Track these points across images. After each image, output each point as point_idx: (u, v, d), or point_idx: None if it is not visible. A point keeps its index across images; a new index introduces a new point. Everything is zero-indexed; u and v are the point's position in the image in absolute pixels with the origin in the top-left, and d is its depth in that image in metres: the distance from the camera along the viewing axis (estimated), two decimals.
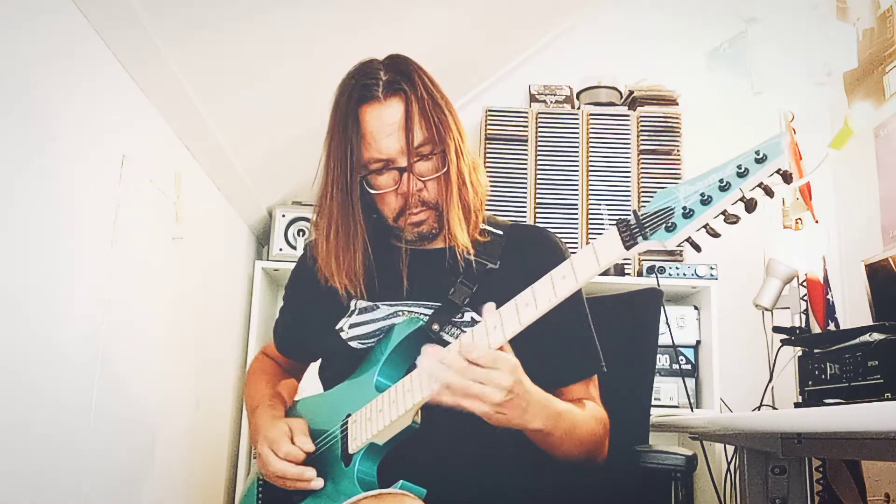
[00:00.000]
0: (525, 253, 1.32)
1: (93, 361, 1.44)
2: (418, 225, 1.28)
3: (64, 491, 1.35)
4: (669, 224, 0.94)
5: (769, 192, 0.92)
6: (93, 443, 1.43)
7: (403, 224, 1.28)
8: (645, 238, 0.97)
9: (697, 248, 0.97)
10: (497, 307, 1.08)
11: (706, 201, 0.93)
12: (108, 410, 1.49)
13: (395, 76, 1.27)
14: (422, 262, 1.31)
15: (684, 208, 0.94)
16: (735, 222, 0.93)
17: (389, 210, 1.28)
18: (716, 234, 0.95)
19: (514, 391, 1.04)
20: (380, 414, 1.15)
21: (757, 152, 0.91)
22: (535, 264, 1.19)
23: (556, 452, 1.20)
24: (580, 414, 1.21)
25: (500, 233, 1.34)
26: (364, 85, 1.26)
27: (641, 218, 0.97)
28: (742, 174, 0.91)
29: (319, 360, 1.43)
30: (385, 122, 1.24)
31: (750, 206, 0.92)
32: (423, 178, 1.25)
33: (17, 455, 1.19)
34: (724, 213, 0.93)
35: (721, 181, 0.92)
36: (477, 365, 1.03)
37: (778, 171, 0.91)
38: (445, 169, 1.26)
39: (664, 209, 0.95)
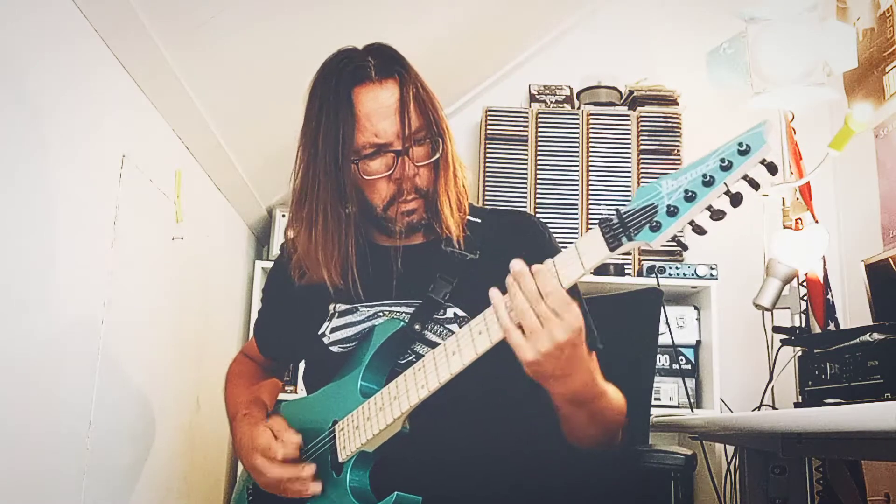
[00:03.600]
0: (507, 241, 1.27)
1: (93, 361, 1.44)
2: (409, 214, 1.23)
3: (64, 491, 1.35)
4: (654, 223, 0.91)
5: (754, 185, 0.88)
6: (93, 442, 1.43)
7: (394, 214, 1.22)
8: (630, 238, 0.93)
9: (684, 246, 0.94)
10: (478, 300, 1.04)
11: (690, 198, 0.89)
12: (108, 410, 1.49)
13: (386, 60, 1.22)
14: (400, 260, 1.27)
15: (668, 206, 0.90)
16: (721, 218, 0.89)
17: (380, 198, 1.22)
18: (702, 231, 0.91)
19: (563, 351, 0.99)
20: (368, 422, 1.12)
21: (740, 144, 0.88)
22: (517, 252, 1.17)
23: (576, 432, 1.17)
24: (615, 396, 1.17)
25: (479, 220, 1.30)
26: (356, 66, 1.20)
27: (625, 216, 0.93)
28: (726, 167, 0.88)
29: (304, 365, 1.40)
30: (382, 105, 1.18)
31: (735, 200, 0.89)
32: (417, 164, 1.20)
33: (17, 455, 1.19)
34: (709, 208, 0.90)
35: (704, 176, 0.89)
36: (545, 303, 0.97)
37: (762, 162, 0.87)
38: (439, 154, 1.21)
39: (647, 207, 0.92)
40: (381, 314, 1.24)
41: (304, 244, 1.25)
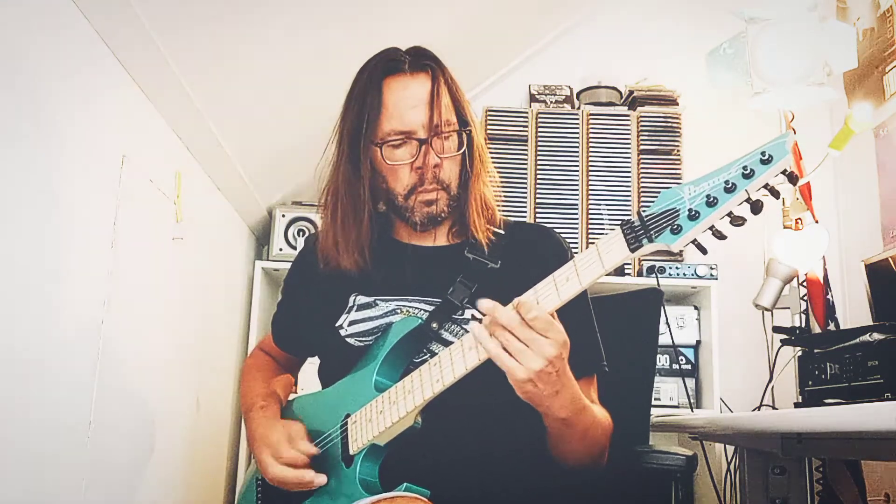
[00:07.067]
0: (527, 253, 1.31)
1: (93, 361, 1.44)
2: (429, 204, 1.25)
3: (64, 491, 1.35)
4: (675, 226, 0.93)
5: (775, 194, 0.91)
6: (93, 443, 1.43)
7: (414, 203, 1.25)
8: (650, 240, 0.95)
9: (703, 250, 0.95)
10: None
11: (712, 203, 0.91)
12: (108, 410, 1.49)
13: (421, 58, 1.27)
14: (422, 260, 1.30)
15: (690, 210, 0.92)
16: (741, 224, 0.92)
17: (401, 186, 1.25)
18: (722, 237, 0.94)
19: (555, 366, 1.01)
20: (380, 415, 1.14)
21: (762, 153, 0.90)
22: (536, 264, 1.18)
23: (566, 450, 1.19)
24: (598, 412, 1.20)
25: (502, 232, 1.33)
26: (390, 59, 1.26)
27: (646, 219, 0.96)
28: (748, 175, 0.90)
29: (319, 360, 1.42)
30: (410, 95, 1.23)
31: (756, 207, 0.91)
32: (441, 156, 1.23)
33: (18, 455, 1.19)
34: (729, 214, 0.92)
35: (727, 182, 0.91)
36: (529, 327, 1.00)
37: (783, 172, 0.90)
38: (463, 149, 1.26)
39: (669, 210, 0.94)
40: (398, 310, 1.26)
41: (326, 230, 1.31)
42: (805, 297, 2.41)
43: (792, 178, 0.90)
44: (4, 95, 1.14)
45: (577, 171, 2.69)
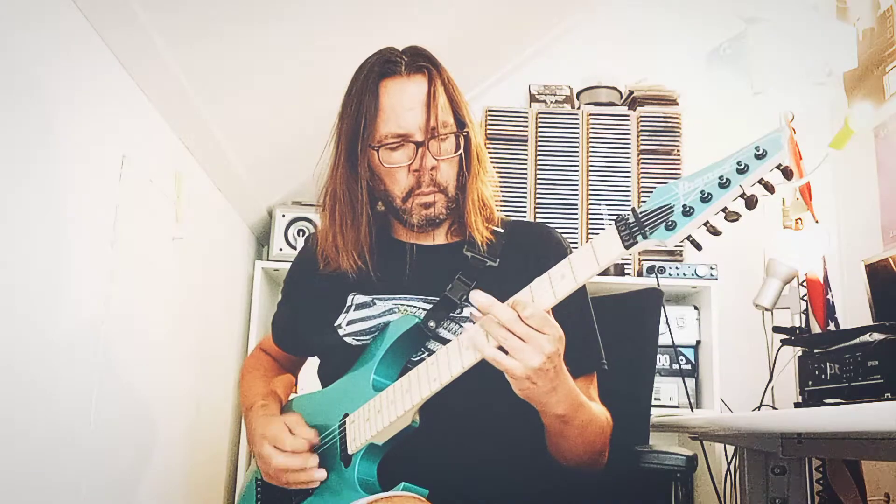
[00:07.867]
0: (526, 251, 1.31)
1: (93, 361, 1.44)
2: (427, 207, 1.25)
3: (64, 491, 1.35)
4: (669, 223, 0.93)
5: (770, 189, 0.90)
6: (93, 442, 1.43)
7: (411, 205, 1.26)
8: (645, 237, 0.95)
9: (698, 246, 0.95)
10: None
11: (706, 199, 0.91)
12: (108, 410, 1.49)
13: (418, 58, 1.27)
14: (421, 258, 1.30)
15: (684, 206, 0.92)
16: (736, 219, 0.91)
17: (399, 189, 1.25)
18: (716, 232, 0.94)
19: (553, 362, 1.01)
20: (378, 415, 1.14)
21: (756, 148, 0.89)
22: (535, 262, 1.18)
23: (564, 448, 1.19)
24: (596, 409, 1.20)
25: (501, 230, 1.33)
26: (387, 61, 1.26)
27: (641, 216, 0.95)
28: (742, 170, 0.89)
29: (318, 360, 1.42)
30: (407, 97, 1.23)
31: (750, 202, 0.91)
32: (438, 158, 1.23)
33: (17, 455, 1.19)
34: (724, 210, 0.92)
35: (721, 178, 0.90)
36: (525, 324, 1.00)
37: (778, 167, 0.89)
38: (462, 150, 1.25)
39: (664, 207, 0.94)
40: (396, 309, 1.26)
41: (325, 232, 1.30)
42: (805, 297, 2.41)
43: (787, 174, 0.89)
44: (4, 95, 1.14)
45: (577, 171, 2.69)
